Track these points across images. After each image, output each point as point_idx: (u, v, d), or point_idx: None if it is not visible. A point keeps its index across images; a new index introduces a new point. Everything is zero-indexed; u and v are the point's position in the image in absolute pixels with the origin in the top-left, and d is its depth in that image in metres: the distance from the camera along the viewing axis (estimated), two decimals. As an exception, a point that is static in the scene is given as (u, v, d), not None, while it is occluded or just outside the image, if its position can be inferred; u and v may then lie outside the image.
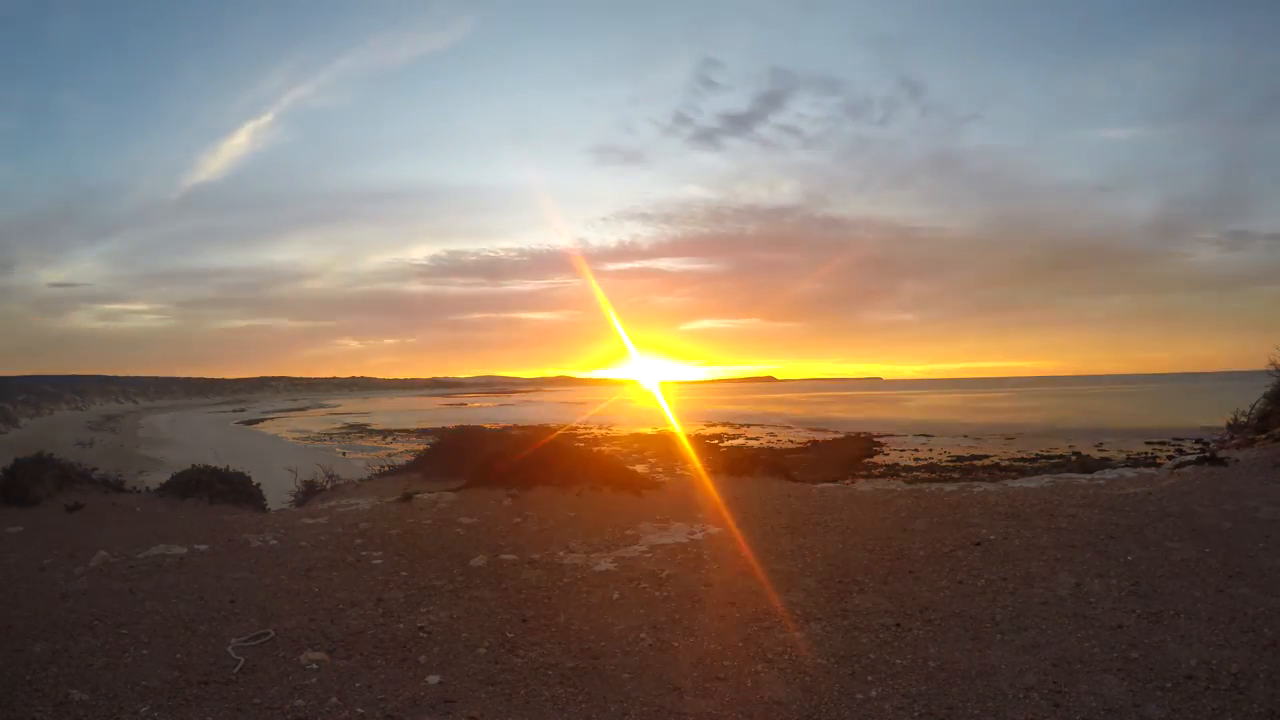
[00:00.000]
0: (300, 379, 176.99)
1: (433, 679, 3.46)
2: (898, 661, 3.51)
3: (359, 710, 3.15)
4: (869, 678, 3.36)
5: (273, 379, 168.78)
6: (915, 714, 3.03)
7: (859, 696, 3.20)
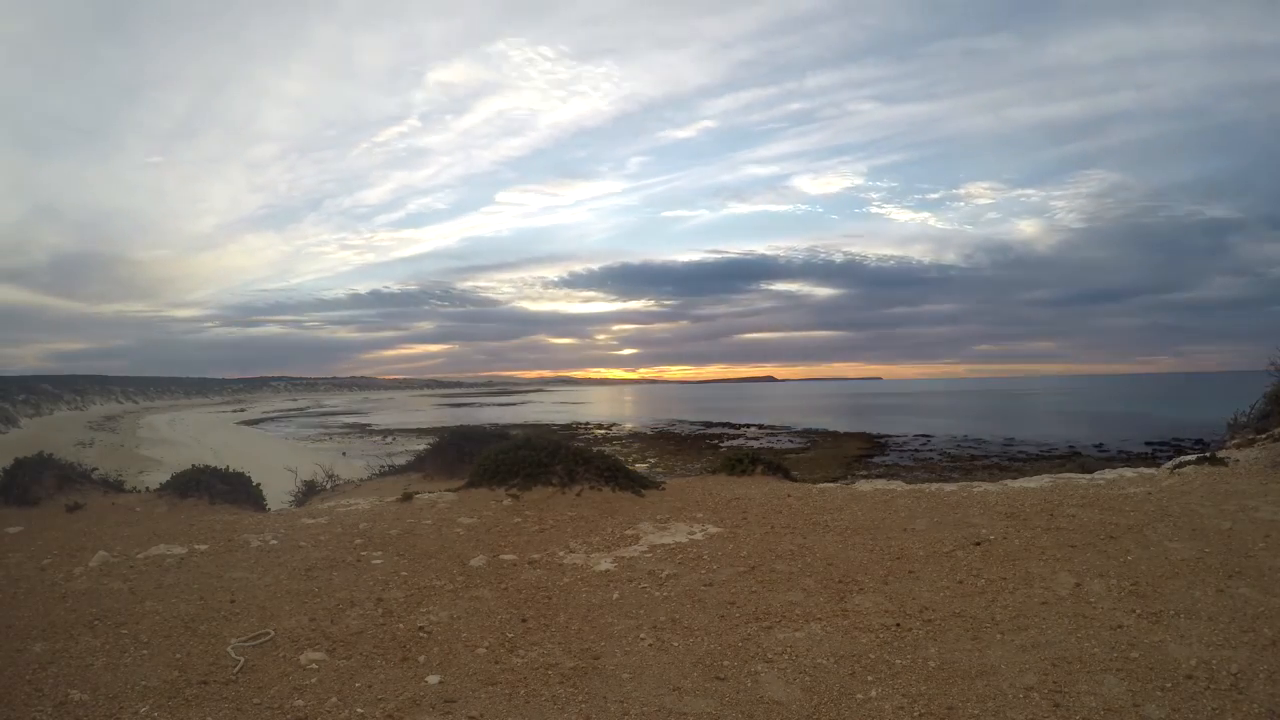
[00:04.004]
0: (300, 379, 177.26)
1: (433, 679, 3.46)
2: (898, 661, 3.51)
3: (359, 710, 3.15)
4: (869, 678, 3.36)
5: (273, 379, 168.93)
6: (915, 714, 3.03)
7: (859, 696, 3.20)
